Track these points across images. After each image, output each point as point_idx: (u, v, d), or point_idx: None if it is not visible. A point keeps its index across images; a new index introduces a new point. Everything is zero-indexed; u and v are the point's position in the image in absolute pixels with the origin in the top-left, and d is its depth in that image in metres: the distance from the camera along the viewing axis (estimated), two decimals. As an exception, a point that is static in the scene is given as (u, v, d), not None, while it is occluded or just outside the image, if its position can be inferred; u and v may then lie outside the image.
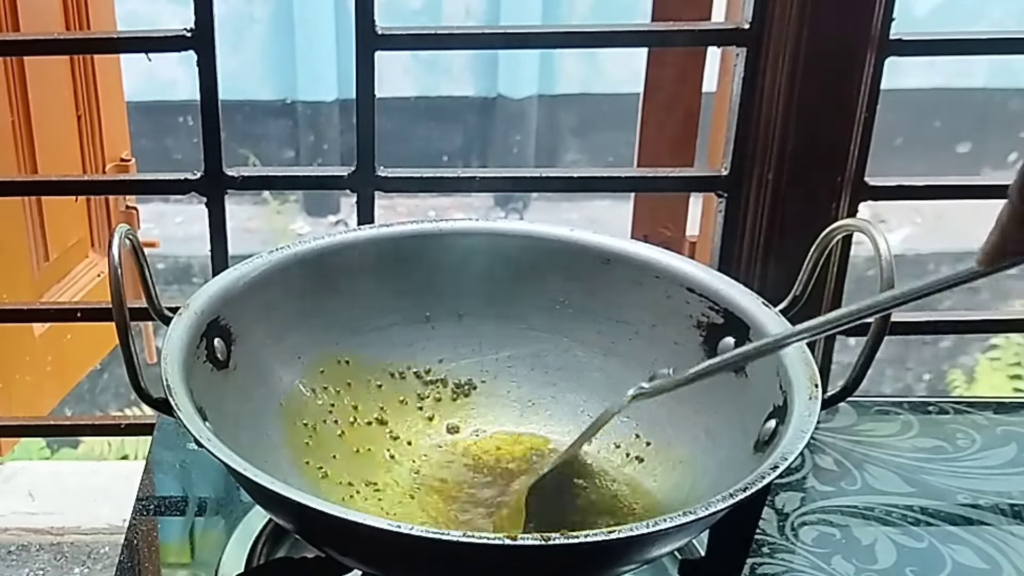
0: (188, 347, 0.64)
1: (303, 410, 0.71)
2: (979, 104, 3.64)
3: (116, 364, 2.17)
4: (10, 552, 1.25)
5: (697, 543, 0.68)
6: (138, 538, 0.76)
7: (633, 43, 0.98)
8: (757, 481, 0.55)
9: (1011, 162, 3.47)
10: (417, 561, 0.56)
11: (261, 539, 0.73)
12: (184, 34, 0.87)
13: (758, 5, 0.85)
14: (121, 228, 0.62)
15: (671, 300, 0.72)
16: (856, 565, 0.73)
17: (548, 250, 0.75)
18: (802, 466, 0.82)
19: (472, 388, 0.77)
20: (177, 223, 3.41)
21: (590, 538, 0.52)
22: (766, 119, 0.87)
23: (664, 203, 1.10)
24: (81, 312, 1.01)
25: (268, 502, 0.59)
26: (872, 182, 0.90)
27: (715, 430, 0.68)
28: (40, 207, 1.37)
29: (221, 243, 0.94)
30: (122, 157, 1.48)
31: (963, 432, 0.86)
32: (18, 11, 1.25)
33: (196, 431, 0.57)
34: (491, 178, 0.95)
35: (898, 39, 0.86)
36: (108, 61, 1.44)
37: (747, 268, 0.92)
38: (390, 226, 0.76)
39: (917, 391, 3.09)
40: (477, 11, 3.72)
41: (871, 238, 0.62)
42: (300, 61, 3.75)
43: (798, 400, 0.61)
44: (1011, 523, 0.77)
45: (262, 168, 0.97)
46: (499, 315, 0.76)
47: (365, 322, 0.75)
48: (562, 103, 3.90)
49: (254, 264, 0.71)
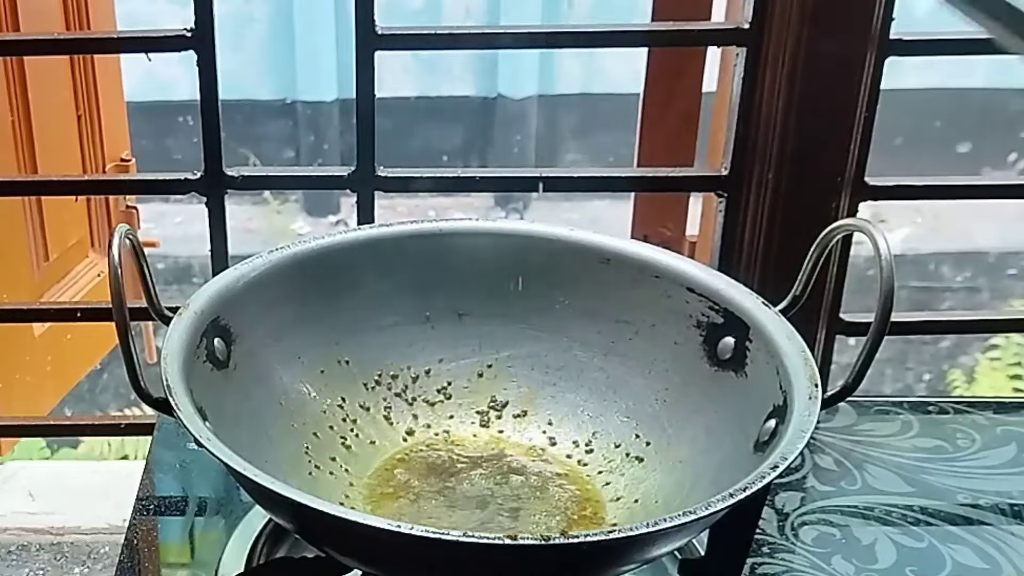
0: (188, 347, 0.64)
1: (303, 410, 0.71)
2: (979, 104, 3.63)
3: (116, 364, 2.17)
4: (10, 552, 1.25)
5: (697, 543, 0.68)
6: (138, 538, 0.76)
7: (633, 43, 0.98)
8: (757, 481, 0.55)
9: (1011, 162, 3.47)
10: (417, 561, 0.56)
11: (261, 539, 0.73)
12: (184, 34, 0.87)
13: (758, 5, 0.85)
14: (121, 228, 0.62)
15: (671, 300, 0.72)
16: (856, 565, 0.73)
17: (548, 250, 0.75)
18: (802, 466, 0.82)
19: (472, 389, 0.76)
20: (177, 223, 3.41)
21: (590, 538, 0.52)
22: (766, 119, 0.87)
23: (664, 203, 1.10)
24: (81, 312, 1.01)
25: (268, 502, 0.59)
26: (872, 182, 0.90)
27: (715, 430, 0.68)
28: (40, 207, 1.37)
29: (221, 243, 0.94)
30: (122, 157, 1.48)
31: (963, 432, 0.86)
32: (18, 11, 1.25)
33: (196, 431, 0.57)
34: (491, 178, 0.95)
35: (898, 39, 0.86)
36: (108, 61, 1.44)
37: (747, 268, 0.92)
38: (390, 226, 0.76)
39: (917, 391, 3.09)
40: (477, 11, 3.72)
41: (871, 238, 0.62)
42: (300, 61, 3.75)
43: (798, 400, 0.61)
44: (1011, 523, 0.77)
45: (262, 168, 0.97)
46: (499, 315, 0.76)
47: (365, 322, 0.75)
48: (562, 103, 3.90)
49: (254, 264, 0.71)
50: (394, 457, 0.73)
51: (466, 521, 0.67)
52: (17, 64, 1.29)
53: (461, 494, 0.69)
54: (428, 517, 0.68)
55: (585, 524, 0.67)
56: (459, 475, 0.71)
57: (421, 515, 0.68)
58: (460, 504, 0.69)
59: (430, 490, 0.70)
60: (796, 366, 0.63)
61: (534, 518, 0.67)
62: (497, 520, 0.67)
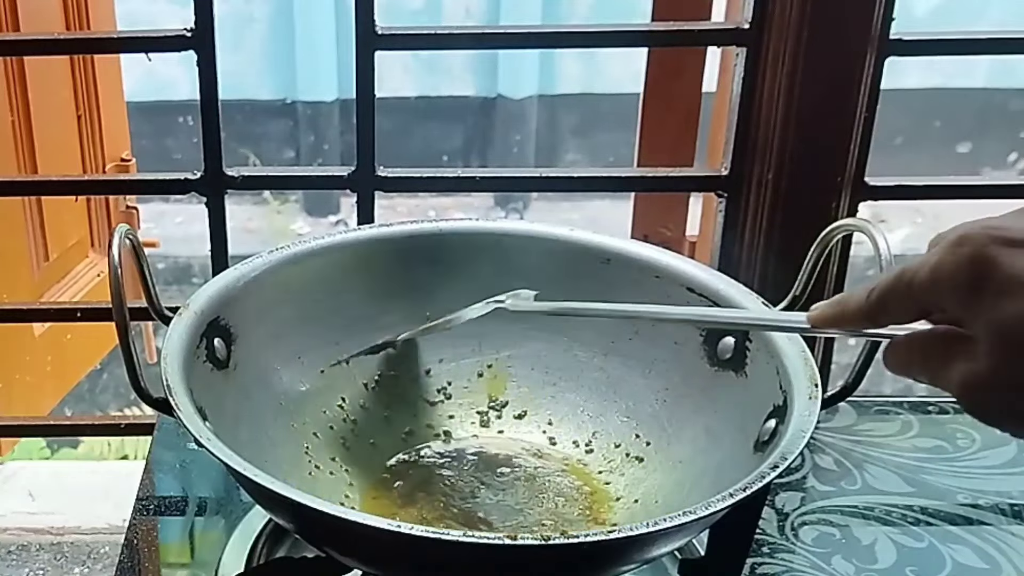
0: (188, 347, 0.64)
1: (303, 410, 0.71)
2: (979, 104, 3.64)
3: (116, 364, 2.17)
4: (10, 552, 1.25)
5: (697, 543, 0.68)
6: (138, 538, 0.76)
7: (633, 43, 0.98)
8: (757, 481, 0.55)
9: (1011, 162, 3.47)
10: (417, 561, 0.56)
11: (261, 539, 0.73)
12: (184, 34, 0.87)
13: (758, 5, 0.85)
14: (121, 228, 0.62)
15: (671, 300, 0.72)
16: (856, 565, 0.73)
17: (548, 250, 0.75)
18: (802, 466, 0.82)
19: (472, 388, 0.76)
20: (177, 223, 3.41)
21: (590, 538, 0.52)
22: (766, 119, 0.87)
23: (664, 203, 1.10)
24: (81, 312, 1.01)
25: (268, 502, 0.59)
26: (872, 182, 0.90)
27: (715, 430, 0.68)
28: (40, 207, 1.37)
29: (221, 243, 0.94)
30: (122, 157, 1.48)
31: (963, 432, 0.86)
32: (18, 11, 1.25)
33: (196, 431, 0.57)
34: (491, 178, 0.95)
35: (898, 39, 0.86)
36: (108, 61, 1.44)
37: (747, 268, 0.92)
38: (390, 226, 0.76)
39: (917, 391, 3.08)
40: (477, 11, 3.72)
41: (871, 238, 0.62)
42: (300, 61, 3.75)
43: (798, 400, 0.61)
44: (1011, 523, 0.77)
45: (262, 168, 0.97)
46: (499, 315, 0.76)
47: (365, 322, 0.75)
48: (562, 103, 3.90)
49: (254, 264, 0.71)
50: (394, 457, 0.73)
51: (466, 521, 0.67)
52: (17, 64, 1.29)
53: (461, 494, 0.69)
54: (428, 517, 0.68)
55: (585, 524, 0.68)
56: (459, 474, 0.71)
57: (421, 515, 0.68)
58: (460, 504, 0.69)
59: (430, 490, 0.70)
60: (796, 366, 0.63)
61: (534, 518, 0.67)
62: (497, 520, 0.67)
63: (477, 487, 0.70)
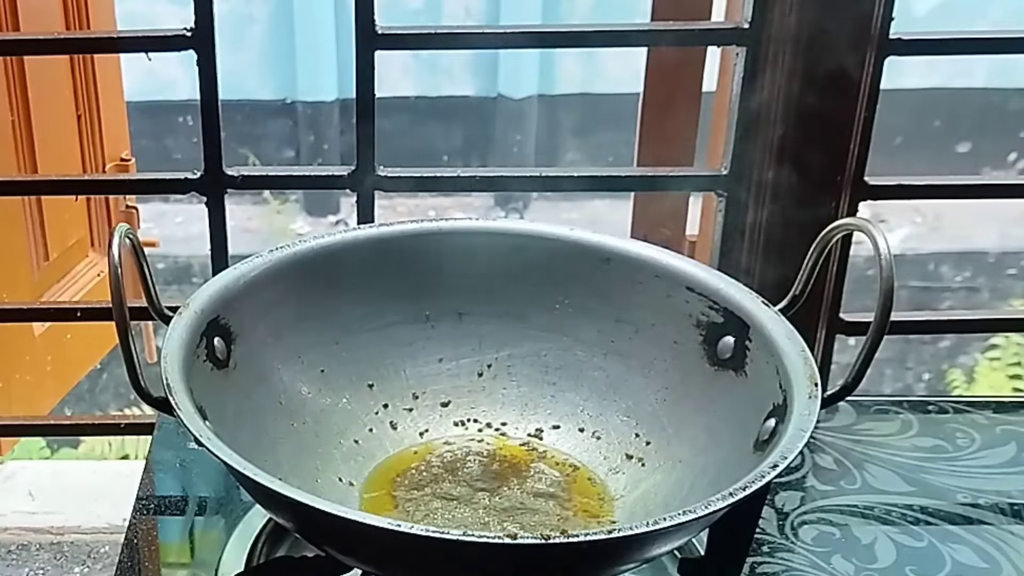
0: (188, 347, 0.64)
1: (303, 410, 0.71)
2: (979, 104, 3.63)
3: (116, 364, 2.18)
4: (10, 552, 1.25)
5: (697, 542, 0.68)
6: (138, 538, 0.76)
7: (633, 43, 0.98)
8: (757, 480, 0.55)
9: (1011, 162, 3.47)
10: (417, 560, 0.56)
11: (261, 539, 0.73)
12: (184, 34, 0.87)
13: (758, 5, 0.85)
14: (121, 227, 0.62)
15: (671, 299, 0.72)
16: (856, 564, 0.73)
17: (548, 250, 0.75)
18: (802, 465, 0.82)
19: (472, 388, 0.77)
20: (177, 223, 3.41)
21: (590, 538, 0.52)
22: (766, 119, 0.87)
23: (664, 203, 1.10)
24: (81, 312, 1.01)
25: (268, 501, 0.59)
26: (872, 182, 0.90)
27: (715, 429, 0.68)
28: (40, 207, 1.37)
29: (221, 243, 0.94)
30: (122, 157, 1.48)
31: (963, 432, 0.86)
32: (18, 11, 1.25)
33: (196, 430, 0.57)
34: (491, 178, 0.95)
35: (898, 39, 0.86)
36: (108, 61, 1.44)
37: (747, 267, 0.92)
38: (390, 226, 0.76)
39: (917, 391, 3.09)
40: (477, 11, 3.72)
41: (871, 237, 0.62)
42: (300, 61, 3.75)
43: (798, 399, 0.61)
44: (1011, 523, 0.77)
45: (262, 168, 0.97)
46: (499, 315, 0.76)
47: (365, 321, 0.75)
48: (562, 103, 3.90)
49: (254, 264, 0.71)
50: (394, 456, 0.73)
51: (466, 520, 0.67)
52: (17, 64, 1.29)
53: (460, 493, 0.69)
54: (428, 516, 0.68)
55: (585, 523, 0.68)
56: (458, 474, 0.71)
57: (421, 514, 0.68)
58: (460, 503, 0.69)
59: (430, 489, 0.70)
60: (796, 365, 0.63)
61: (534, 517, 0.68)
62: (497, 519, 0.67)
63: (477, 487, 0.70)
